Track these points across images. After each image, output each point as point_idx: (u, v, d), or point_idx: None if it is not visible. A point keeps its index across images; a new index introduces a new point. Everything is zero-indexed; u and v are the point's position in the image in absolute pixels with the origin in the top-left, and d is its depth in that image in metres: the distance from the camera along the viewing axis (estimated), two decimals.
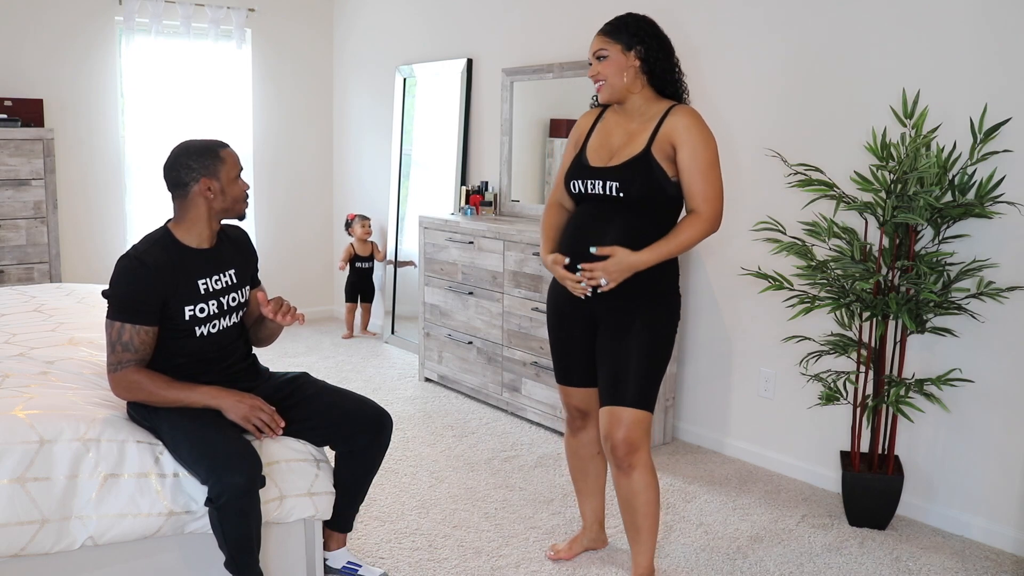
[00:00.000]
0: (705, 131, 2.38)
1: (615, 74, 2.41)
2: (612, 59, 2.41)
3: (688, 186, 2.36)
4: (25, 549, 2.04)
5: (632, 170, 2.37)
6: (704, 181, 2.35)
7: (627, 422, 2.38)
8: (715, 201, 2.36)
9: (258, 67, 5.85)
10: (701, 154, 2.35)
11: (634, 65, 2.41)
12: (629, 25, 2.42)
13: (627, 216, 2.39)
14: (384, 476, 3.43)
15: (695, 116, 2.39)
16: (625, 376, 2.38)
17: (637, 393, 2.38)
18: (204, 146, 2.29)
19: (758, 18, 3.50)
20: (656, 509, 2.48)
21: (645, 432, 2.41)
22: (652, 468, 2.45)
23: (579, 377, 2.61)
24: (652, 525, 2.48)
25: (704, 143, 2.36)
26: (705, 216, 2.36)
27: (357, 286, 5.82)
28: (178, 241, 2.31)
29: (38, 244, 4.75)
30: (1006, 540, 2.93)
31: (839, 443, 3.38)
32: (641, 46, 2.40)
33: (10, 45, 4.96)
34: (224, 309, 2.35)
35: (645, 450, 2.42)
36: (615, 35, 2.42)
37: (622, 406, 2.38)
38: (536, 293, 3.97)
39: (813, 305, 3.00)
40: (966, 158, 2.88)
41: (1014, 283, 2.86)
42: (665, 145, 2.37)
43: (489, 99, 4.90)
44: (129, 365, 2.21)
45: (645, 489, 2.44)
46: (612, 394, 2.40)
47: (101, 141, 5.31)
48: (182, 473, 2.20)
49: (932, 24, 3.00)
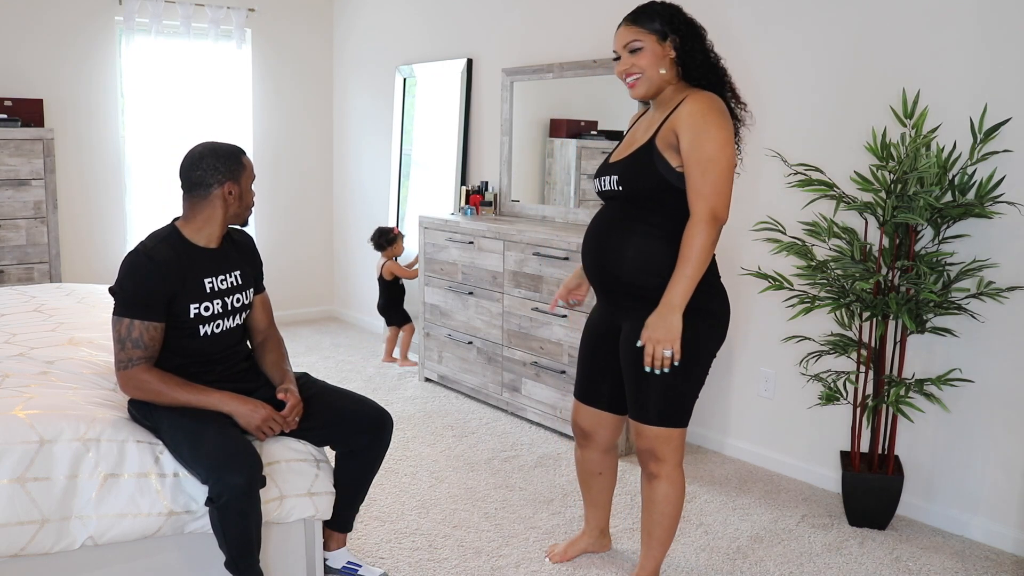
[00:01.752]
0: (712, 118, 2.15)
1: (652, 66, 2.22)
2: (648, 50, 2.22)
3: (687, 179, 2.17)
4: (25, 549, 2.04)
5: (632, 164, 2.25)
6: (701, 174, 2.14)
7: (650, 437, 2.30)
8: (712, 198, 2.14)
9: (258, 67, 5.85)
10: (704, 144, 2.13)
11: (670, 55, 2.23)
12: (660, 13, 2.24)
13: (635, 214, 2.26)
14: (384, 476, 3.43)
15: (704, 102, 2.17)
16: (647, 392, 2.27)
17: (662, 410, 2.27)
18: (230, 150, 2.32)
19: (757, 18, 3.50)
20: (673, 522, 2.41)
21: (672, 446, 2.31)
22: (678, 482, 2.36)
23: (588, 395, 2.54)
24: (664, 535, 2.43)
25: (707, 131, 2.13)
26: (699, 218, 2.15)
27: (398, 306, 5.16)
28: (186, 239, 2.32)
29: (38, 244, 4.74)
30: (1006, 540, 2.93)
31: (839, 443, 3.38)
32: (676, 35, 2.22)
33: (10, 45, 4.96)
34: (228, 309, 2.36)
35: (671, 463, 2.33)
36: (647, 24, 2.23)
37: (644, 424, 2.30)
38: (536, 293, 3.97)
39: (813, 305, 3.00)
40: (966, 158, 2.88)
41: (1014, 283, 2.86)
42: (668, 134, 2.19)
43: (489, 99, 4.90)
44: (139, 363, 2.21)
45: (664, 500, 2.37)
46: (634, 409, 2.32)
47: (101, 141, 5.31)
48: (182, 473, 2.20)
49: (932, 24, 3.00)
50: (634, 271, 2.26)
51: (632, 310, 2.29)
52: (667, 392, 2.25)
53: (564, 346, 3.85)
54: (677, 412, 2.28)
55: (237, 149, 2.34)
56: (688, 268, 2.15)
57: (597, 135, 4.24)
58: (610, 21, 4.12)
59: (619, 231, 2.29)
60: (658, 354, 2.17)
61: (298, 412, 2.36)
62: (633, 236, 2.26)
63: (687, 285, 2.16)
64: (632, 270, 2.26)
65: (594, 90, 4.21)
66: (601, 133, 4.23)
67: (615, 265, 2.28)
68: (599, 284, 2.37)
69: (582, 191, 4.32)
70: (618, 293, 2.32)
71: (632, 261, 2.26)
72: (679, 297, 2.16)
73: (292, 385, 2.39)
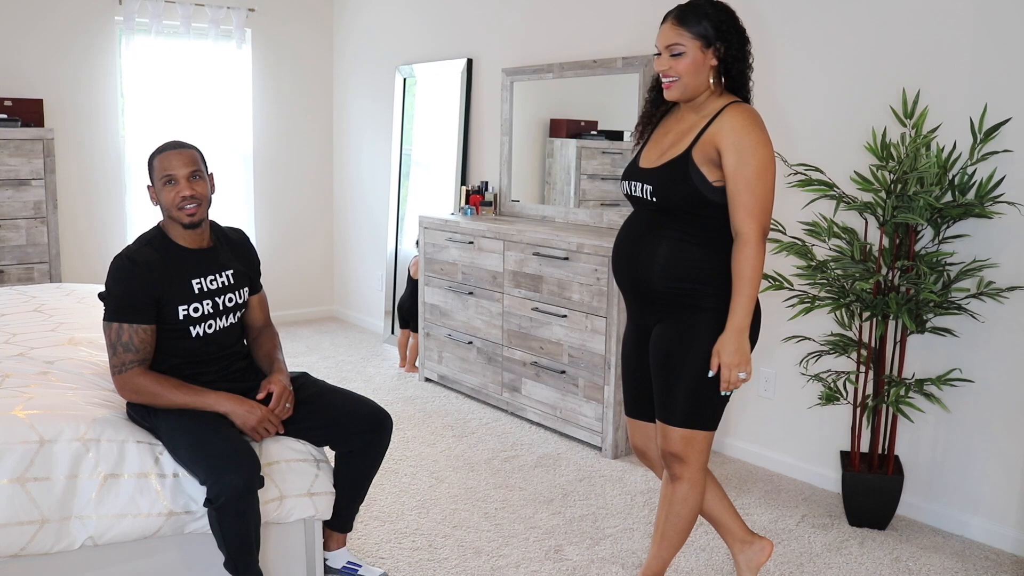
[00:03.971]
0: (756, 134, 2.09)
1: (691, 74, 2.14)
2: (689, 57, 2.12)
3: (731, 197, 2.10)
4: (25, 549, 2.04)
5: (667, 174, 2.17)
6: (750, 193, 2.08)
7: (674, 438, 2.26)
8: (761, 217, 2.09)
9: (258, 67, 5.85)
10: (749, 161, 2.07)
11: (712, 64, 2.14)
12: (710, 15, 2.12)
13: (669, 224, 2.20)
14: (384, 476, 3.43)
15: (747, 116, 2.11)
16: (675, 394, 2.23)
17: (688, 412, 2.22)
18: (151, 154, 2.35)
19: (757, 19, 3.50)
20: (688, 524, 2.37)
21: (696, 448, 2.26)
22: (698, 486, 2.31)
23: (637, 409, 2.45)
24: (676, 537, 2.39)
25: (753, 148, 2.08)
26: (748, 238, 2.10)
27: (413, 310, 4.97)
28: (171, 240, 2.32)
29: (38, 244, 4.75)
30: (1006, 540, 2.93)
31: (839, 443, 3.38)
32: (722, 43, 2.12)
33: (10, 45, 4.96)
34: (220, 310, 2.35)
35: (695, 465, 2.29)
36: (693, 27, 2.12)
37: (669, 425, 2.26)
38: (536, 293, 3.97)
39: (813, 305, 3.00)
40: (966, 158, 2.88)
41: (1014, 283, 2.86)
42: (708, 148, 2.12)
43: (489, 99, 4.90)
44: (133, 367, 2.21)
45: (683, 501, 2.33)
46: (661, 410, 2.28)
47: (101, 141, 5.31)
48: (182, 473, 2.20)
49: (932, 24, 3.00)
50: (666, 276, 2.21)
51: (663, 314, 2.26)
52: (695, 395, 2.22)
53: (564, 346, 3.85)
54: (703, 415, 2.24)
55: (155, 150, 2.34)
56: (748, 288, 2.12)
57: (597, 135, 4.24)
58: (610, 21, 4.12)
59: (651, 237, 2.23)
60: (734, 378, 2.15)
61: (288, 399, 2.35)
62: (665, 243, 2.21)
63: (749, 304, 2.13)
64: (664, 275, 2.22)
65: (594, 90, 4.21)
66: (601, 133, 4.23)
67: (647, 270, 2.23)
68: (631, 291, 2.32)
69: (582, 191, 4.32)
70: (650, 298, 2.27)
71: (664, 266, 2.21)
72: (744, 319, 2.14)
73: (281, 376, 2.38)
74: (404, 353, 5.05)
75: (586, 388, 3.76)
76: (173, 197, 2.28)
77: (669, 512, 2.36)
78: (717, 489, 2.47)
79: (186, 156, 2.31)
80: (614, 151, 4.15)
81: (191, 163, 2.31)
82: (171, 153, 2.30)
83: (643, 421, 2.44)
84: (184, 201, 2.28)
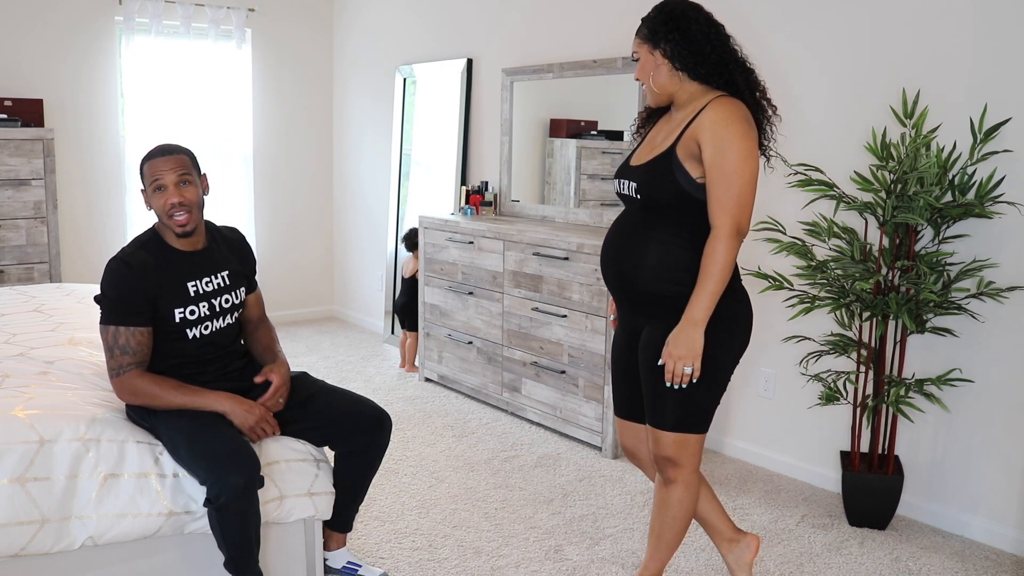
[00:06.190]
0: (735, 127, 2.08)
1: (646, 77, 2.21)
2: (642, 61, 2.21)
3: (708, 190, 2.10)
4: (25, 549, 2.04)
5: (651, 171, 2.18)
6: (726, 187, 2.07)
7: (666, 442, 2.25)
8: (735, 211, 2.07)
9: (258, 67, 5.85)
10: (726, 154, 2.07)
11: (664, 64, 2.18)
12: (654, 20, 2.19)
13: (654, 221, 2.20)
14: (384, 476, 3.43)
15: (727, 109, 2.10)
16: (664, 398, 2.21)
17: (679, 416, 2.21)
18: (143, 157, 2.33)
19: (756, 19, 3.50)
20: (683, 527, 2.37)
21: (689, 452, 2.25)
22: (692, 487, 2.31)
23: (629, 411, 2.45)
24: (673, 539, 2.39)
25: (731, 141, 2.07)
26: (719, 233, 2.09)
27: (406, 309, 4.97)
28: (165, 243, 2.32)
29: (38, 244, 4.74)
30: (1006, 540, 2.93)
31: (839, 443, 3.38)
32: (665, 43, 2.16)
33: (10, 45, 4.96)
34: (216, 311, 2.35)
35: (687, 468, 2.28)
36: (641, 33, 2.21)
37: (661, 430, 2.25)
38: (536, 293, 3.97)
39: (813, 305, 3.00)
40: (966, 158, 2.88)
41: (1014, 283, 2.86)
42: (690, 143, 2.12)
43: (489, 99, 4.90)
44: (130, 369, 2.21)
45: (678, 504, 2.33)
46: (652, 415, 2.27)
47: (101, 141, 5.31)
48: (182, 473, 2.20)
49: (932, 24, 3.00)
50: (653, 279, 2.21)
51: (651, 316, 2.25)
52: (685, 399, 2.21)
53: (564, 346, 3.85)
54: (695, 418, 2.23)
55: (145, 155, 2.32)
56: (711, 283, 2.10)
57: (597, 135, 4.24)
58: (610, 21, 4.12)
59: (638, 238, 2.23)
60: (678, 371, 2.13)
61: (283, 394, 2.35)
62: (652, 243, 2.21)
63: (710, 301, 2.10)
64: (651, 278, 2.21)
65: (594, 90, 4.21)
66: (601, 133, 4.23)
67: (634, 273, 2.23)
68: (618, 291, 2.32)
69: (582, 191, 4.32)
70: (637, 300, 2.27)
71: (651, 269, 2.21)
72: (701, 312, 2.11)
73: (283, 368, 2.40)
74: (410, 355, 5.05)
75: (586, 388, 3.76)
76: (163, 204, 2.27)
77: (665, 516, 2.35)
78: (707, 490, 2.48)
79: (174, 161, 2.28)
80: (614, 151, 4.15)
81: (179, 168, 2.28)
82: (159, 160, 2.27)
83: (633, 422, 2.44)
84: (173, 209, 2.26)
